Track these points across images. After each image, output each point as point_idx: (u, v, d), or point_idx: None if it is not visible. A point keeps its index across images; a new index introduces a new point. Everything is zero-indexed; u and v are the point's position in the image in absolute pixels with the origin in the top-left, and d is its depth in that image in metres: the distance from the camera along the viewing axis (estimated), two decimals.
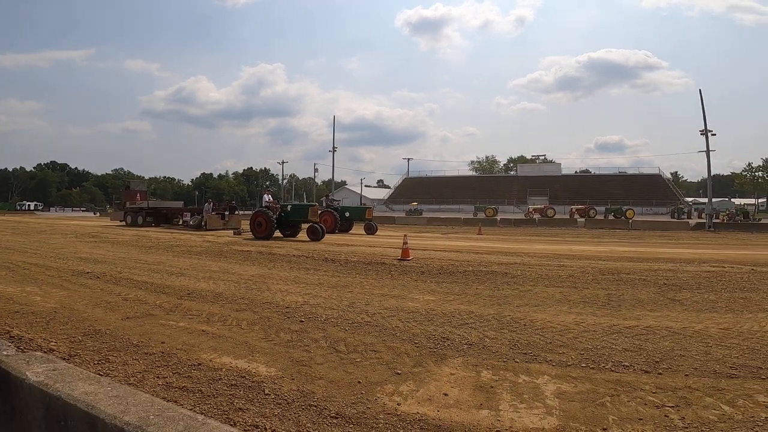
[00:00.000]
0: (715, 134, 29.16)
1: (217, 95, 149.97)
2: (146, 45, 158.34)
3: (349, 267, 9.12)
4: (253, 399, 2.78)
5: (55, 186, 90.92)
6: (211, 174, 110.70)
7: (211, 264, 9.28)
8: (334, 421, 2.55)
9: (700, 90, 28.86)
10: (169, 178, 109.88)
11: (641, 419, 2.66)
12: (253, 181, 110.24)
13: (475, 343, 4.17)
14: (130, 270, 8.31)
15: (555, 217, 40.59)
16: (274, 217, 16.03)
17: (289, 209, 16.89)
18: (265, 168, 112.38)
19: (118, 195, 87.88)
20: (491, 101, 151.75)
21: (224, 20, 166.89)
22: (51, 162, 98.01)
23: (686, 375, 3.39)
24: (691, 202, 59.59)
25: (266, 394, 2.86)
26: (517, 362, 3.68)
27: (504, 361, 3.70)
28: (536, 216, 40.07)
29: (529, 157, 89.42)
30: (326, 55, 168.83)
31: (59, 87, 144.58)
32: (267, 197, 17.37)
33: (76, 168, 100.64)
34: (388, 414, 2.65)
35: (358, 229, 20.95)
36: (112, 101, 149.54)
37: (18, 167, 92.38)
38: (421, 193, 66.35)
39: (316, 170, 66.34)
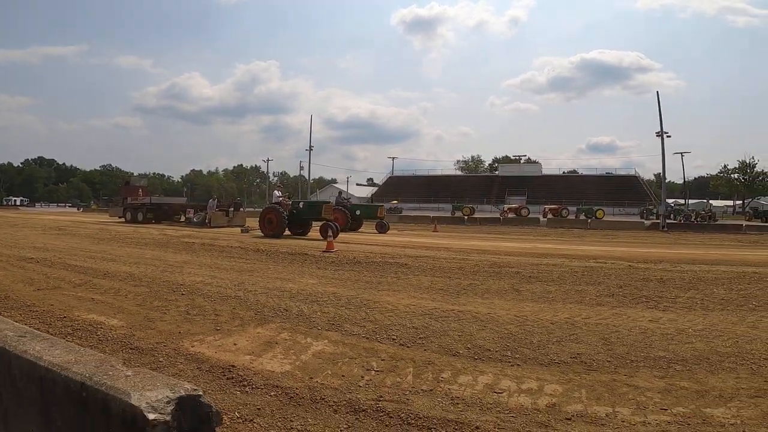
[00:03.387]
0: (670, 136, 30.42)
1: (210, 92, 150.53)
2: (140, 41, 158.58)
3: (272, 257, 10.22)
4: (81, 337, 3.89)
5: (41, 182, 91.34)
6: (201, 171, 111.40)
7: (147, 252, 10.38)
8: (130, 351, 3.66)
9: (657, 92, 30.16)
10: (158, 174, 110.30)
11: (343, 376, 3.39)
12: (243, 178, 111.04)
13: (304, 315, 5.12)
14: (70, 256, 9.36)
15: (529, 216, 41.87)
16: (285, 214, 15.69)
17: (301, 206, 16.59)
18: (256, 165, 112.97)
19: (105, 191, 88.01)
20: (485, 101, 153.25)
21: (219, 17, 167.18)
22: (38, 157, 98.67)
23: (425, 350, 4.03)
24: (672, 203, 61.16)
25: (96, 335, 3.97)
26: (318, 330, 4.54)
27: (309, 328, 4.60)
28: (511, 215, 41.36)
29: (516, 157, 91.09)
30: (321, 52, 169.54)
31: (50, 82, 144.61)
32: (277, 193, 17.13)
33: (63, 164, 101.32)
34: (174, 350, 3.75)
35: (368, 227, 20.66)
36: (103, 97, 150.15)
37: (5, 162, 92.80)
38: (406, 191, 67.42)
39: (301, 168, 67.42)
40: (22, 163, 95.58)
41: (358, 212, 20.54)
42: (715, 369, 3.72)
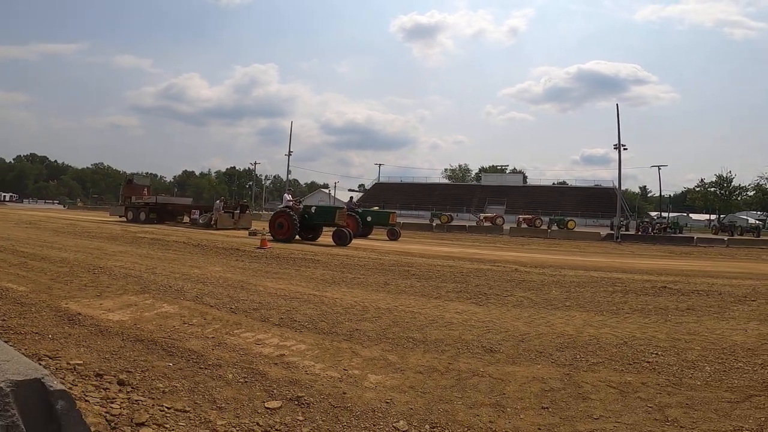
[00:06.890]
0: (626, 148, 32.01)
1: (208, 93, 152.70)
2: (140, 41, 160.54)
3: (205, 250, 11.57)
4: None
5: (32, 178, 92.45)
6: (193, 172, 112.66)
7: (94, 243, 11.78)
8: (15, 304, 5.01)
9: (617, 104, 31.94)
10: (151, 173, 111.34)
11: (161, 325, 4.46)
12: (236, 180, 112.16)
13: (181, 290, 6.29)
14: (22, 245, 10.73)
15: (504, 225, 43.37)
16: (297, 218, 15.63)
17: (313, 211, 16.52)
18: (248, 168, 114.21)
19: (96, 189, 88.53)
20: (481, 110, 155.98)
21: (220, 19, 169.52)
22: (30, 154, 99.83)
23: (246, 316, 5.03)
24: (655, 215, 62.74)
25: None
26: (180, 300, 5.65)
27: (174, 298, 5.78)
28: (487, 224, 42.95)
29: (501, 167, 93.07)
30: (320, 57, 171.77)
31: (47, 80, 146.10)
32: (287, 197, 17.26)
33: (55, 161, 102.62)
34: (48, 305, 5.06)
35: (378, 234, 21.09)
36: (100, 96, 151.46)
37: None
38: (392, 198, 68.88)
39: (289, 172, 68.79)
40: (14, 159, 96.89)
41: (369, 218, 20.76)
42: (432, 349, 4.14)
